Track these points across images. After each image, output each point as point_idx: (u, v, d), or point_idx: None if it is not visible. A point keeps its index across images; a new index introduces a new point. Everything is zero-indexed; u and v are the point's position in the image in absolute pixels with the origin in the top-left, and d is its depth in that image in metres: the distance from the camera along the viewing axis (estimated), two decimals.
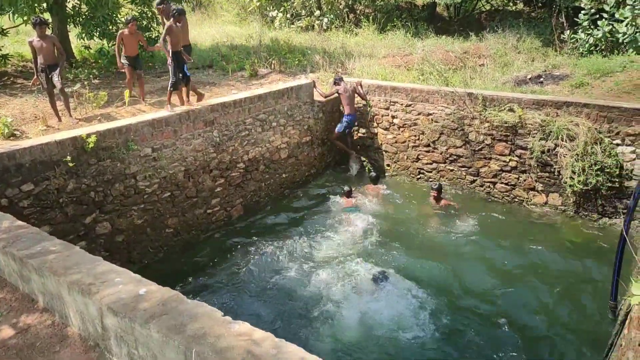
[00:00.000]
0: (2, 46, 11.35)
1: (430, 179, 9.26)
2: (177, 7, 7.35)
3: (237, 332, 2.34)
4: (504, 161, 8.33)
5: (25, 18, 10.68)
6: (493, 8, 17.58)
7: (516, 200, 8.41)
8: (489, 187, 8.66)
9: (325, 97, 9.57)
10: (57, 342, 2.81)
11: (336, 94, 9.45)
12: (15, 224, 3.45)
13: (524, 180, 8.21)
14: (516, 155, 8.17)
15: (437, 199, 8.39)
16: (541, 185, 8.06)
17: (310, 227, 7.83)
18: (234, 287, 6.44)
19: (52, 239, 3.24)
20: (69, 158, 5.73)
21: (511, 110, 8.03)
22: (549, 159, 7.77)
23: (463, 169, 8.86)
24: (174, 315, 2.47)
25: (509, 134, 8.12)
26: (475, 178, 8.77)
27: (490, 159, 8.49)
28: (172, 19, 7.20)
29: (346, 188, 8.59)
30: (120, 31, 8.37)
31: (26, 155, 5.41)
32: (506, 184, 8.45)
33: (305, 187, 9.37)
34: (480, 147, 8.52)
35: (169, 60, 7.29)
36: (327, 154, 9.89)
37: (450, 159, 8.96)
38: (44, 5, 10.41)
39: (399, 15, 17.06)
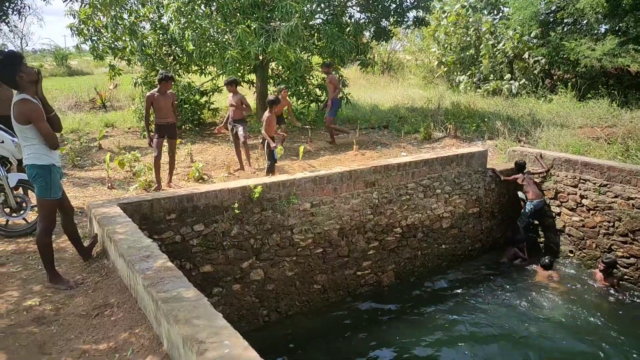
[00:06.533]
0: (215, 101, 13.38)
1: (626, 276, 7.62)
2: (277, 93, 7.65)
3: None
4: None
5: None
6: None
7: None
8: None
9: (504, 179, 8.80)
10: None
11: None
12: (166, 264, 3.77)
13: None
14: None
15: (606, 273, 7.32)
16: None
17: (468, 308, 7.07)
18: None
19: (188, 286, 3.43)
20: (236, 205, 6.23)
21: None
22: None
23: None
24: None
25: None
26: None
27: None
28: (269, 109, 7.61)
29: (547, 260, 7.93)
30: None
31: (202, 198, 6.04)
32: None
33: (467, 262, 8.56)
34: None
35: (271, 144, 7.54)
36: (496, 229, 8.97)
37: None
38: (250, 67, 11.98)
39: (604, 82, 15.16)
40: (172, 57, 12.01)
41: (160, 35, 11.46)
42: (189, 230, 5.97)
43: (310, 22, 11.85)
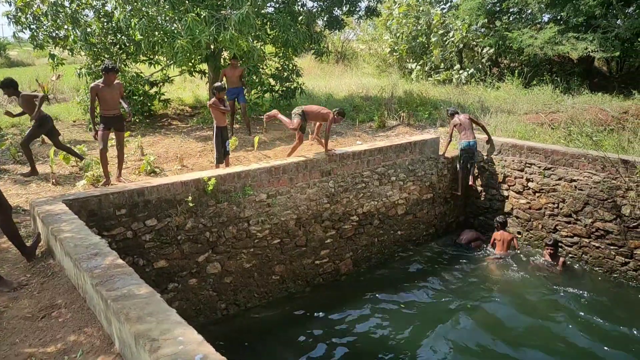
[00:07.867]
0: (166, 91, 12.99)
1: (570, 255, 8.03)
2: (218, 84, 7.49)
3: None
4: None
5: (184, 68, 12.14)
6: None
7: None
8: None
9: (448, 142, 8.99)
10: None
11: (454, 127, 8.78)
12: (116, 262, 3.64)
13: None
14: None
15: (553, 256, 7.67)
16: None
17: (425, 292, 7.25)
18: (332, 348, 6.13)
19: (140, 282, 3.33)
20: (190, 198, 6.10)
21: None
22: None
23: (612, 247, 7.53)
24: None
25: None
26: (627, 260, 7.38)
27: None
28: (214, 96, 7.41)
29: (500, 218, 8.40)
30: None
31: (154, 192, 5.87)
32: None
33: (423, 247, 8.78)
34: (635, 224, 7.18)
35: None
36: (449, 213, 9.23)
37: (596, 234, 7.70)
38: (201, 57, 11.66)
39: (548, 69, 15.81)
40: (118, 47, 11.52)
41: (105, 24, 10.96)
42: (141, 225, 5.80)
43: (262, 11, 11.66)
